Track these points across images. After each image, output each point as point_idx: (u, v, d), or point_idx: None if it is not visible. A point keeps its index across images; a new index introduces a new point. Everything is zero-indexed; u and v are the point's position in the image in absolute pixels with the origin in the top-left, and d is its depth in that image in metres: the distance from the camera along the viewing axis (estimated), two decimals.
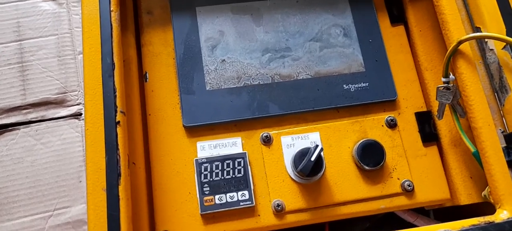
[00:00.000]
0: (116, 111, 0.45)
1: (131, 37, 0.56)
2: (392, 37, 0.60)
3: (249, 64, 0.56)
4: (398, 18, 0.61)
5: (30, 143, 0.84)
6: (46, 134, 0.85)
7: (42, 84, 0.88)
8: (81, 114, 0.87)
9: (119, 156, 0.43)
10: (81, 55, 0.84)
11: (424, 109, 0.57)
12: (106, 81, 0.46)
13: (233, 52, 0.56)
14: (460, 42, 0.49)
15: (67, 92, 0.88)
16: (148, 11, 0.58)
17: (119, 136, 0.44)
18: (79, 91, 0.88)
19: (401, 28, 0.60)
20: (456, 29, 0.50)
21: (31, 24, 0.92)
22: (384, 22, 0.60)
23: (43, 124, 0.85)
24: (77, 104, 0.88)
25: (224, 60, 0.56)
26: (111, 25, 0.49)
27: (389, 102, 0.56)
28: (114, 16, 0.49)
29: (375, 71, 0.57)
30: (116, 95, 0.46)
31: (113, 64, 0.47)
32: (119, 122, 0.45)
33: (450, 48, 0.50)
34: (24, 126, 0.85)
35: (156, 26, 0.58)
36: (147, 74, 0.56)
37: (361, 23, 0.59)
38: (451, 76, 0.51)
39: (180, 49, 0.56)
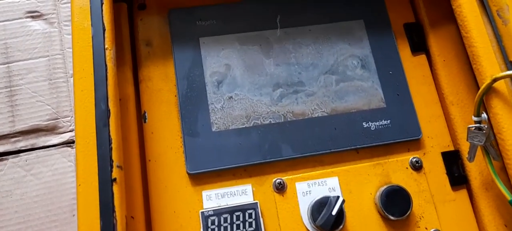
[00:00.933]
0: (112, 166, 0.40)
1: (128, 72, 0.51)
2: (413, 67, 0.55)
3: (258, 101, 0.51)
4: (419, 46, 0.56)
5: (19, 174, 0.79)
6: (36, 164, 0.79)
7: (32, 110, 0.82)
8: (74, 141, 0.81)
9: (116, 219, 0.38)
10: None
11: (451, 148, 0.52)
12: (100, 131, 0.41)
13: (241, 88, 0.51)
14: (495, 80, 0.44)
15: (59, 118, 0.83)
16: (147, 42, 0.53)
17: (115, 195, 0.39)
18: (71, 117, 0.82)
19: (422, 58, 0.55)
20: (489, 65, 0.45)
21: (20, 45, 0.86)
22: (404, 51, 0.55)
23: (33, 153, 0.80)
24: (70, 131, 0.83)
25: (231, 97, 0.51)
26: (106, 65, 0.43)
27: (414, 142, 0.51)
28: (109, 55, 0.44)
29: (397, 107, 0.52)
30: (111, 148, 0.40)
31: (109, 111, 0.42)
32: (115, 179, 0.39)
33: (484, 86, 0.45)
34: (13, 155, 0.79)
35: (155, 59, 0.52)
36: (146, 114, 0.50)
37: (380, 53, 0.54)
38: (484, 115, 0.46)
39: (183, 85, 0.51)
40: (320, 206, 0.45)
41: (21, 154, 0.79)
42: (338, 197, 0.44)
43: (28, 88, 0.84)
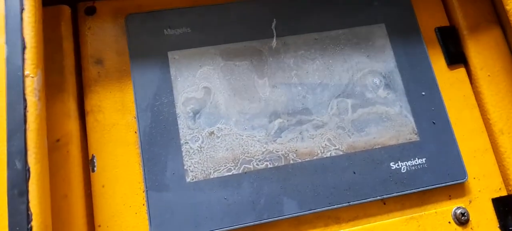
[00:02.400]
0: None
1: (70, 101, 0.37)
2: (450, 85, 0.42)
3: (250, 137, 0.37)
4: (457, 56, 0.43)
5: None
6: None
7: None
8: None
9: None
10: None
11: (504, 193, 0.39)
12: (14, 203, 0.27)
13: (226, 119, 0.38)
14: None
15: None
16: (97, 59, 0.39)
17: None
18: None
19: (461, 72, 0.43)
20: None
21: None
22: (437, 63, 0.43)
23: None
24: None
25: (212, 132, 0.37)
26: (25, 100, 0.29)
27: (457, 186, 0.39)
28: (31, 85, 0.30)
29: (434, 140, 0.39)
30: (31, 227, 0.27)
31: (28, 171, 0.28)
32: None
33: None
34: None
35: (108, 83, 0.39)
36: (95, 160, 0.36)
37: (408, 68, 0.41)
38: None
39: (145, 117, 0.37)
40: None
41: None
42: None
43: None
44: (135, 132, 0.37)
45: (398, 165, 0.38)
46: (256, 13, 0.41)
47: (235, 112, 0.38)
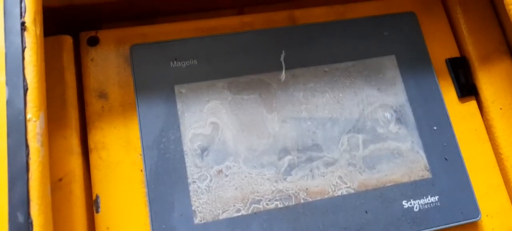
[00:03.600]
0: None
1: (72, 137, 0.36)
2: (462, 118, 0.41)
3: (259, 175, 0.36)
4: (468, 88, 0.42)
5: None
6: None
7: None
8: None
9: None
10: None
11: None
12: None
13: (235, 156, 0.37)
14: None
15: None
16: (100, 93, 0.38)
17: None
18: None
19: (472, 104, 0.42)
20: None
21: None
22: (449, 95, 0.42)
23: None
24: None
25: (221, 171, 0.36)
26: (27, 146, 0.28)
27: (470, 225, 0.38)
28: (34, 129, 0.28)
29: (447, 176, 0.38)
30: None
31: (30, 224, 0.26)
32: None
33: None
34: None
35: (112, 118, 0.37)
36: (99, 200, 0.35)
37: (420, 101, 0.40)
38: None
39: (152, 155, 0.36)
40: None
41: None
42: None
43: None
44: (141, 170, 0.36)
45: (410, 204, 0.37)
46: (264, 44, 0.40)
47: (244, 149, 0.37)
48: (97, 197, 0.35)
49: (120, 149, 0.36)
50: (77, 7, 0.41)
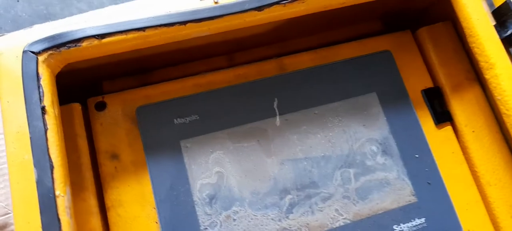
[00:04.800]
0: None
1: (90, 199, 0.39)
2: (440, 143, 0.46)
3: (264, 216, 0.40)
4: (443, 115, 0.47)
5: None
6: None
7: None
8: None
9: None
10: None
11: None
12: None
13: (241, 201, 0.40)
14: None
15: (9, 213, 0.68)
16: (112, 154, 0.41)
17: None
18: None
19: (448, 130, 0.47)
20: None
21: None
22: (426, 123, 0.46)
23: None
24: None
25: (229, 216, 0.40)
26: (59, 219, 0.31)
27: None
28: (62, 204, 0.32)
29: (431, 199, 0.43)
30: None
31: None
32: None
33: None
34: None
35: (126, 177, 0.40)
36: None
37: (401, 132, 0.45)
38: None
39: (165, 208, 0.39)
40: None
41: None
42: None
43: None
44: (156, 222, 0.39)
45: (400, 228, 0.41)
46: (257, 93, 0.44)
47: (248, 193, 0.41)
48: None
49: (136, 204, 0.40)
50: (79, 70, 0.45)
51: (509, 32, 0.41)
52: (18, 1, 0.94)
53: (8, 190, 0.75)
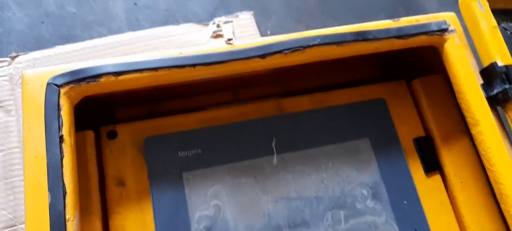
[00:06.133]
0: None
1: (96, 222, 0.42)
2: (429, 192, 0.48)
3: None
4: (433, 164, 0.49)
5: None
6: None
7: None
8: None
9: None
10: None
11: None
12: None
13: None
14: None
15: (16, 225, 0.72)
16: (119, 181, 0.44)
17: None
18: None
19: (437, 179, 0.49)
20: None
21: None
22: (416, 171, 0.49)
23: None
24: None
25: None
26: None
27: None
28: (71, 228, 0.35)
29: None
30: None
31: None
32: None
33: None
34: None
35: (130, 204, 0.43)
36: None
37: (391, 178, 0.47)
38: None
39: None
40: None
41: None
42: None
43: None
44: None
45: None
46: (257, 132, 0.47)
47: (243, 228, 0.43)
48: None
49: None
50: (95, 98, 0.48)
51: (494, 92, 0.44)
52: (43, 22, 1.00)
53: (16, 202, 0.78)
